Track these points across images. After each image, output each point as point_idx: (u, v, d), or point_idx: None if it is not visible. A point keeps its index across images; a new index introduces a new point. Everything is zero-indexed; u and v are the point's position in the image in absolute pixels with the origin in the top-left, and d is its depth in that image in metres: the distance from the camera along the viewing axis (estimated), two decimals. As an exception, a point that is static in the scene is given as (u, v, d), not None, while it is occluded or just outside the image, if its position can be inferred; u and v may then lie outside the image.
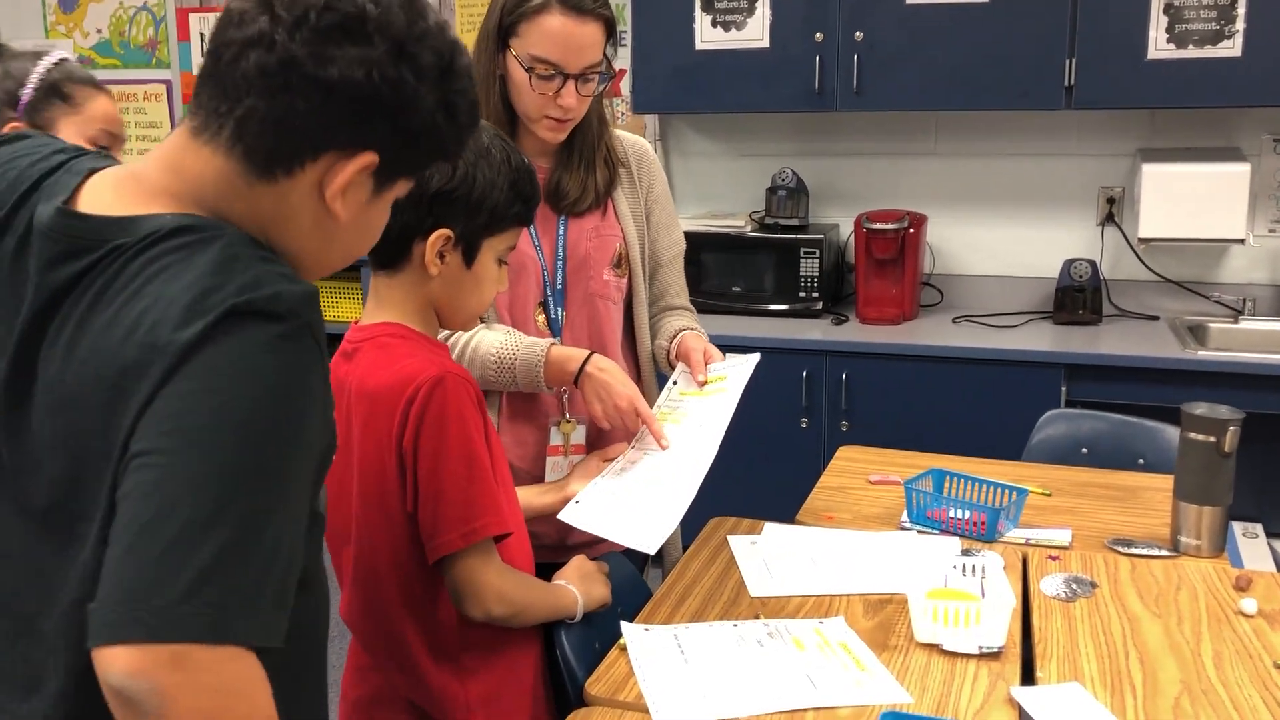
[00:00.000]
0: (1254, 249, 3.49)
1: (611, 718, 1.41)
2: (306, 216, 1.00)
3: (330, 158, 0.97)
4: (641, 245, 1.99)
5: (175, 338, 0.87)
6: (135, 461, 0.87)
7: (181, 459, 0.86)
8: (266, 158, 0.96)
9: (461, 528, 1.42)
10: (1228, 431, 1.85)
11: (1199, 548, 1.89)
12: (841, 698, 1.43)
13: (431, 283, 1.48)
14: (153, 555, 0.84)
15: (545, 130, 1.82)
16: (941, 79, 3.38)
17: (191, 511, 0.84)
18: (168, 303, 0.89)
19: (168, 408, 0.87)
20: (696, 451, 1.69)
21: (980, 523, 1.95)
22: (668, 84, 3.64)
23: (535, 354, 1.77)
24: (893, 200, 3.70)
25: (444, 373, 1.43)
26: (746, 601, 1.72)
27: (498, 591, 1.47)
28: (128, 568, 0.84)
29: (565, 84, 1.77)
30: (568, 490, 1.73)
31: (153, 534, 0.84)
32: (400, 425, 1.42)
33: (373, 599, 1.51)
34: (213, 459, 0.86)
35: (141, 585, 0.83)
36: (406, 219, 1.44)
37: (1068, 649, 1.57)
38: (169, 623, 0.83)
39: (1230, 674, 1.50)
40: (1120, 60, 3.22)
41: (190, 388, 0.87)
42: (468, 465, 1.43)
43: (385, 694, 1.53)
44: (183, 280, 0.90)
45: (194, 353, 0.87)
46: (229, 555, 0.85)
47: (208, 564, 0.84)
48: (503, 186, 1.46)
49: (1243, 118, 3.47)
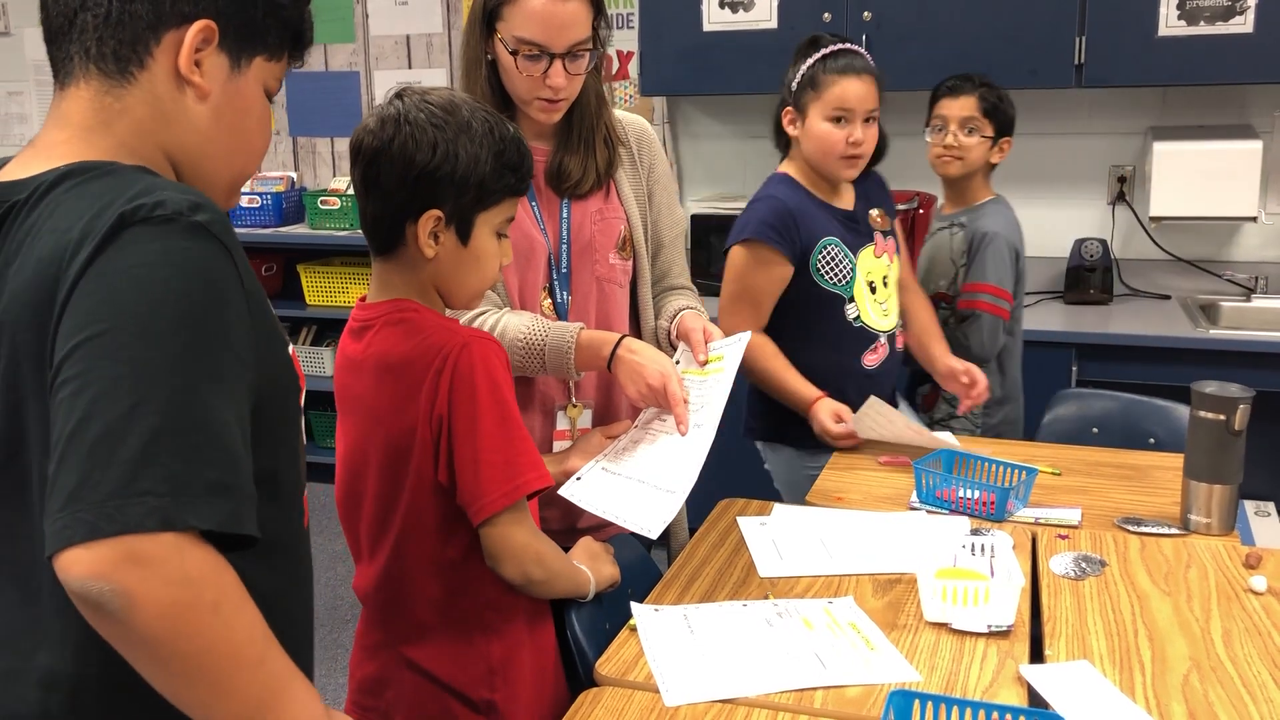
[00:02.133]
0: (1266, 227, 3.47)
1: (622, 697, 1.41)
2: (180, 108, 1.04)
3: (172, 37, 1.02)
4: (645, 226, 1.99)
5: (75, 259, 0.91)
6: (57, 384, 0.89)
7: (94, 362, 0.88)
8: (115, 58, 1.01)
9: (504, 485, 1.43)
10: (1238, 410, 1.84)
11: (1209, 526, 1.89)
12: (850, 677, 1.43)
13: (429, 264, 1.48)
14: (83, 455, 0.85)
15: (538, 112, 1.82)
16: (950, 58, 3.35)
17: (111, 406, 0.86)
18: (64, 232, 0.93)
19: (74, 322, 0.89)
20: (698, 432, 1.69)
21: (990, 502, 1.95)
22: (676, 66, 3.63)
23: (566, 338, 1.77)
24: (902, 180, 3.67)
25: (469, 339, 1.44)
26: (756, 582, 1.72)
27: (536, 552, 1.48)
28: (64, 475, 0.85)
29: (552, 64, 1.76)
30: (568, 465, 1.73)
31: (80, 436, 0.85)
32: (431, 396, 1.43)
33: (394, 570, 1.51)
34: (123, 354, 0.88)
35: (77, 486, 0.84)
36: (395, 202, 1.45)
37: (1077, 627, 1.57)
38: (107, 516, 0.83)
39: (1239, 651, 1.50)
40: (1131, 38, 3.19)
41: (92, 299, 0.90)
42: (503, 425, 1.44)
43: (393, 672, 1.54)
44: (75, 210, 0.95)
45: (90, 266, 0.90)
46: (159, 442, 0.86)
47: (136, 453, 0.85)
48: (487, 159, 1.45)
49: (1254, 94, 3.45)
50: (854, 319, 2.36)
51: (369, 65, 4.53)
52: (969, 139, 2.68)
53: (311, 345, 4.59)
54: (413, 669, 1.52)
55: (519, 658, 1.54)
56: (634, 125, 2.02)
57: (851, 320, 2.35)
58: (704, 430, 1.69)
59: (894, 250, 2.44)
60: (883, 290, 2.40)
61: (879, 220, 2.43)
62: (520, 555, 1.46)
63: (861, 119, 2.27)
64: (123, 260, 0.90)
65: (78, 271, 0.90)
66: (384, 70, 4.51)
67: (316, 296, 4.48)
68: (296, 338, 4.68)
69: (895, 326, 2.42)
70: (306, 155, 4.74)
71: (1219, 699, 1.38)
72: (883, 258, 2.40)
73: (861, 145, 2.28)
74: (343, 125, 4.59)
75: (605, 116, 1.92)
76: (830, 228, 2.35)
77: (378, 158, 1.45)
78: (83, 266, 0.90)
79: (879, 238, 2.40)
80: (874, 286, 2.38)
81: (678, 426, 1.71)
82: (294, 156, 4.75)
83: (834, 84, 2.27)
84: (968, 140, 2.68)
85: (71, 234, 0.92)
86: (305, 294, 4.50)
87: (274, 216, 4.50)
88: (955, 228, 2.73)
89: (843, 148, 2.29)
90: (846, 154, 2.29)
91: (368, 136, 1.46)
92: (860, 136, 2.27)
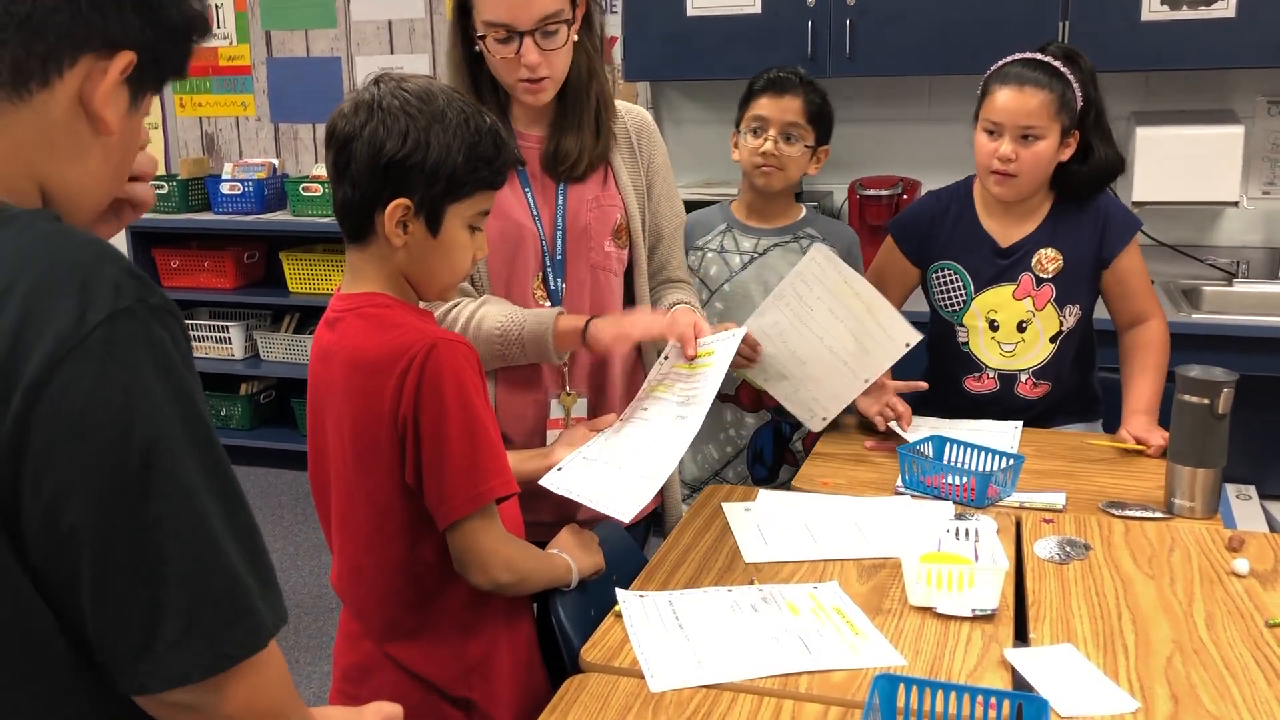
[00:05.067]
0: (1248, 211, 3.48)
1: (606, 683, 1.41)
2: (73, 139, 0.91)
3: (89, 62, 0.89)
4: (642, 216, 1.98)
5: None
6: (53, 527, 0.83)
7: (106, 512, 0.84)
8: (15, 69, 0.87)
9: (469, 491, 1.42)
10: (1222, 393, 1.85)
11: (1193, 509, 1.90)
12: (835, 661, 1.43)
13: (399, 254, 1.47)
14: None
15: (524, 94, 1.81)
16: (934, 43, 3.36)
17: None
18: None
19: (52, 458, 0.82)
20: (682, 424, 1.69)
21: (972, 488, 1.95)
22: (659, 51, 3.62)
23: (544, 322, 1.77)
24: (886, 166, 3.69)
25: (436, 339, 1.42)
26: (741, 568, 1.72)
27: (505, 559, 1.47)
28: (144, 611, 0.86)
29: (523, 42, 1.74)
30: (552, 458, 1.73)
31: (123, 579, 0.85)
32: (396, 397, 1.41)
33: (365, 568, 1.51)
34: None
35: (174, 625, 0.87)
36: (365, 190, 1.43)
37: (1061, 611, 1.57)
38: (223, 653, 0.89)
39: (1222, 634, 1.51)
40: (1114, 23, 3.19)
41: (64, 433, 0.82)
42: (469, 429, 1.42)
43: (377, 660, 1.53)
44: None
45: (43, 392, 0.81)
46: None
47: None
48: (459, 150, 1.42)
49: (1237, 80, 3.45)
50: (963, 343, 2.31)
51: (350, 51, 4.50)
52: (790, 147, 2.26)
53: (294, 333, 4.57)
54: (393, 662, 1.52)
55: (497, 655, 1.54)
56: (633, 115, 2.01)
57: (961, 343, 2.31)
58: (688, 421, 1.68)
59: (1049, 299, 2.24)
60: (1010, 332, 2.27)
61: (1044, 264, 2.24)
62: (487, 562, 1.46)
63: (1014, 134, 2.15)
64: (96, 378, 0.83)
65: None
66: (366, 56, 4.48)
67: (299, 283, 4.46)
68: (279, 325, 4.66)
69: (1026, 369, 2.29)
70: (288, 141, 4.71)
71: (1201, 681, 1.39)
72: (1024, 301, 2.25)
73: (1010, 163, 2.15)
74: (324, 111, 4.51)
75: (595, 90, 1.89)
76: (961, 253, 2.29)
77: (349, 143, 1.43)
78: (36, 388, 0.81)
79: (1028, 280, 2.25)
80: (995, 324, 2.27)
81: (684, 350, 1.74)
82: (275, 143, 4.72)
83: (992, 92, 2.19)
84: (788, 149, 2.26)
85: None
86: (288, 281, 4.48)
87: (256, 203, 4.47)
88: (803, 239, 2.36)
89: (989, 160, 2.19)
90: (994, 168, 2.18)
91: (341, 121, 1.45)
92: (1009, 150, 2.15)
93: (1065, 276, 2.25)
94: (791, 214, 2.39)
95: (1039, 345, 2.28)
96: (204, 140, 4.80)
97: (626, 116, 1.98)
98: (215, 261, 4.55)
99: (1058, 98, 2.15)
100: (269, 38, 4.61)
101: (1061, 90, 2.15)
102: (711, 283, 2.36)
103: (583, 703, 1.37)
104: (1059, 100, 2.15)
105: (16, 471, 0.82)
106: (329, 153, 1.47)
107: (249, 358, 4.62)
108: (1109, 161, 2.23)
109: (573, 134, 1.87)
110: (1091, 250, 2.25)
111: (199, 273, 4.56)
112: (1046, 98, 2.14)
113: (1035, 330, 2.28)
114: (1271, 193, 3.50)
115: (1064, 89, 2.16)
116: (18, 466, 0.81)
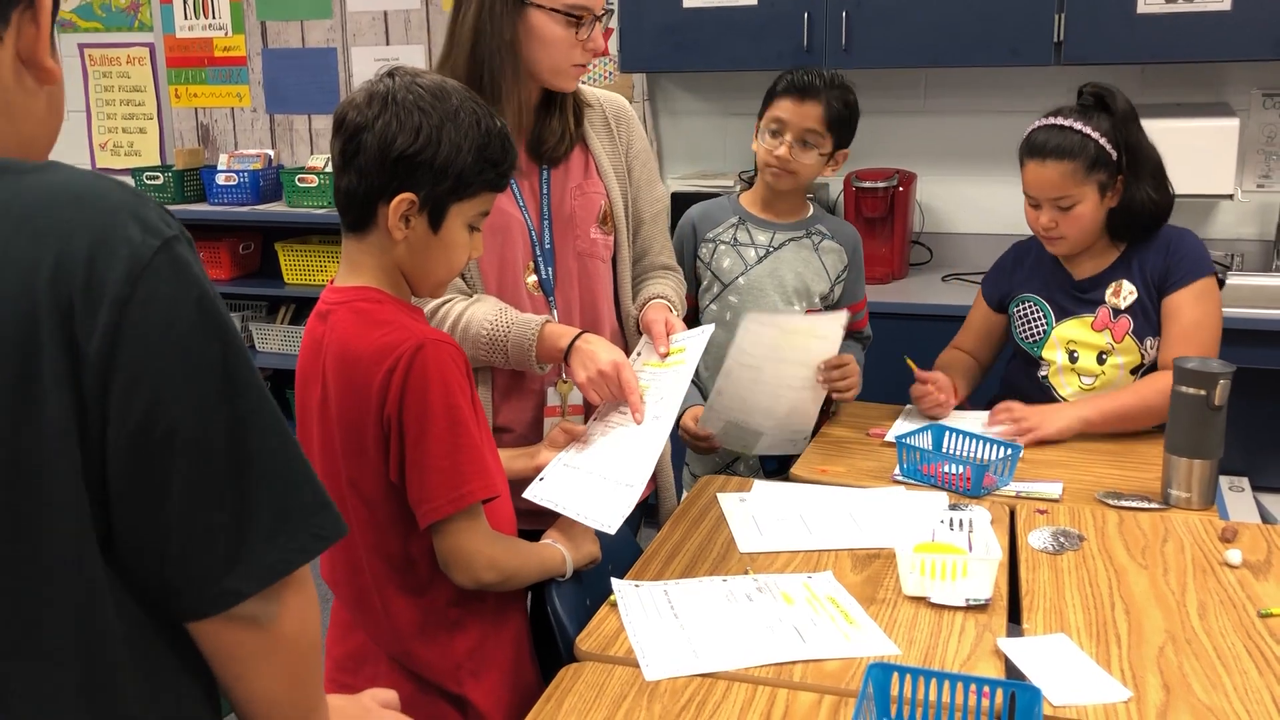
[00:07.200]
0: (1242, 204, 3.48)
1: (602, 672, 1.42)
2: (22, 95, 0.93)
3: (20, 13, 0.90)
4: (625, 202, 1.98)
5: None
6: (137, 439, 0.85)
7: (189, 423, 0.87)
8: None
9: (450, 493, 1.42)
10: (1218, 385, 1.86)
11: (1189, 500, 1.90)
12: (829, 651, 1.44)
13: (397, 247, 1.47)
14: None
15: (569, 80, 1.86)
16: (930, 36, 3.36)
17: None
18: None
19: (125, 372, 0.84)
20: (656, 425, 1.69)
21: (969, 478, 1.96)
22: (655, 42, 3.61)
23: (528, 332, 1.76)
24: (882, 158, 3.69)
25: (424, 340, 1.43)
26: (736, 558, 1.73)
27: (488, 559, 1.47)
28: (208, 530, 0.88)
29: (594, 26, 1.80)
30: (539, 459, 1.73)
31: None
32: (381, 395, 1.41)
33: (351, 563, 1.51)
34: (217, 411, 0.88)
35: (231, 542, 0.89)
36: (371, 181, 1.43)
37: (1054, 601, 1.58)
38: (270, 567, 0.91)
39: (1214, 624, 1.51)
40: (1109, 15, 3.19)
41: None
42: (453, 430, 1.42)
43: (370, 650, 1.54)
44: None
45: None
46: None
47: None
48: (469, 150, 1.43)
49: (1232, 72, 3.46)
50: (1043, 377, 2.31)
51: (346, 41, 4.49)
52: (804, 153, 2.24)
53: (290, 324, 4.56)
54: (386, 655, 1.53)
55: (487, 651, 1.54)
56: (611, 102, 2.02)
57: (1041, 377, 2.31)
58: (662, 421, 1.68)
59: (1127, 330, 2.23)
60: (1090, 364, 2.26)
61: (1119, 295, 2.24)
62: (470, 562, 1.46)
63: (1050, 205, 2.19)
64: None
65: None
66: (361, 47, 4.47)
67: (295, 275, 4.45)
68: (275, 316, 4.65)
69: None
70: (284, 133, 4.69)
71: (1193, 670, 1.40)
72: (1102, 334, 2.25)
73: (1053, 229, 2.20)
74: (320, 102, 4.55)
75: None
76: (1040, 286, 2.32)
77: (359, 133, 1.43)
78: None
79: (1105, 312, 2.24)
80: (1075, 355, 2.27)
81: (633, 415, 1.70)
82: (271, 134, 4.71)
83: (1024, 165, 2.22)
84: (802, 156, 2.24)
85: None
86: (283, 272, 4.47)
87: (251, 194, 4.46)
88: (814, 235, 2.38)
89: (1037, 229, 2.24)
90: (1043, 236, 2.24)
91: (353, 111, 1.45)
92: (1048, 220, 2.19)
93: (1140, 308, 2.23)
94: (802, 210, 2.40)
95: (1120, 378, 2.26)
96: (199, 131, 4.79)
97: (605, 103, 1.99)
98: (211, 252, 4.54)
99: (1084, 163, 2.15)
100: (264, 28, 4.59)
101: (1087, 152, 2.15)
102: (725, 275, 2.35)
103: (578, 691, 1.38)
104: (1086, 164, 2.15)
105: (105, 387, 0.83)
106: (336, 140, 1.47)
107: (245, 349, 4.61)
108: (1152, 204, 2.21)
109: (555, 119, 1.90)
110: (1158, 283, 2.23)
111: (194, 264, 4.55)
112: (1070, 167, 2.15)
113: (1115, 363, 2.25)
114: (1266, 185, 3.50)
115: (1092, 149, 2.15)
116: (107, 382, 0.83)
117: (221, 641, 0.92)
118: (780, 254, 2.34)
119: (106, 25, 4.75)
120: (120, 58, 4.78)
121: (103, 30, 4.76)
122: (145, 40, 4.73)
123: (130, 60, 4.77)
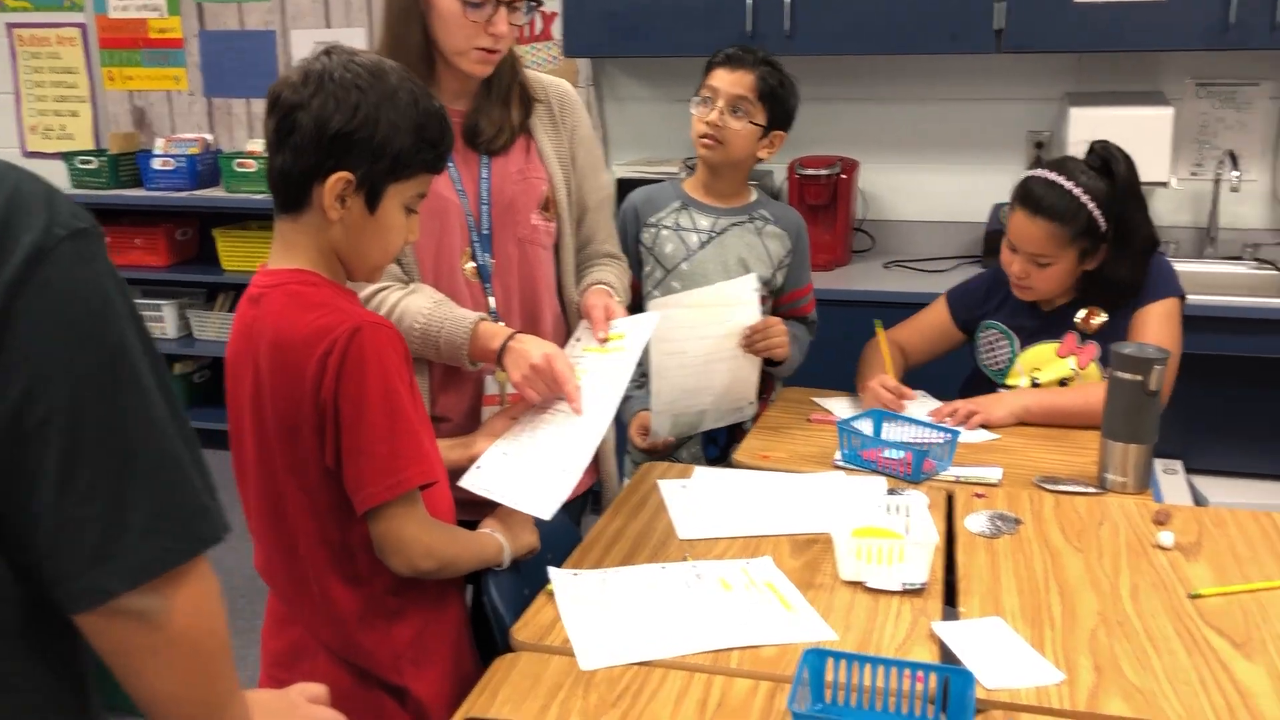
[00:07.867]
0: (1177, 191, 3.54)
1: (537, 662, 1.40)
2: None
3: None
4: (568, 188, 1.96)
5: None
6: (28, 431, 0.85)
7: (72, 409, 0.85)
8: None
9: (387, 479, 1.40)
10: (1153, 371, 1.88)
11: (1125, 484, 1.93)
12: (767, 636, 1.44)
13: (332, 228, 1.44)
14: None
15: (474, 64, 1.79)
16: (872, 22, 3.36)
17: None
18: None
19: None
20: (595, 412, 1.67)
21: (909, 463, 1.97)
22: (600, 27, 3.59)
23: (461, 330, 1.74)
24: (825, 145, 3.70)
25: (361, 322, 1.40)
26: (675, 544, 1.72)
27: (425, 546, 1.45)
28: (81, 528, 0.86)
29: (496, 10, 1.74)
30: (474, 449, 1.71)
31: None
32: (317, 379, 1.39)
33: (290, 552, 1.48)
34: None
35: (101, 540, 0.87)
36: (306, 160, 1.40)
37: (990, 584, 1.59)
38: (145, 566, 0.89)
39: (1145, 605, 1.53)
40: (1049, 4, 3.22)
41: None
42: (390, 415, 1.40)
43: (306, 645, 1.51)
44: None
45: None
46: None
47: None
48: (407, 130, 1.41)
49: (1167, 62, 3.51)
50: None
51: (285, 24, 4.41)
52: (735, 121, 2.21)
53: (228, 312, 4.49)
54: (323, 647, 1.50)
55: (427, 641, 1.52)
56: (555, 87, 1.99)
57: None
58: (602, 408, 1.67)
59: (1093, 357, 2.25)
60: (1052, 388, 2.28)
61: (1088, 320, 2.26)
62: (407, 550, 1.44)
63: (1026, 257, 2.19)
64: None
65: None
66: (301, 29, 4.39)
67: (233, 261, 4.38)
68: (213, 303, 4.57)
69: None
70: (222, 117, 4.61)
71: (1123, 651, 1.41)
72: (1067, 360, 2.27)
73: (1024, 279, 2.22)
74: (258, 86, 4.47)
75: (520, 75, 1.91)
76: (1008, 315, 2.32)
77: (294, 112, 1.40)
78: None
79: (1072, 337, 2.26)
80: (1037, 382, 2.29)
81: (570, 405, 1.68)
82: (209, 118, 4.62)
83: (1012, 210, 2.23)
84: (733, 122, 2.21)
85: None
86: (221, 258, 4.39)
87: (189, 179, 4.38)
88: (757, 220, 2.36)
89: (1007, 269, 2.24)
90: (1013, 281, 2.25)
91: (287, 90, 1.41)
92: (1020, 270, 2.21)
93: (1108, 334, 2.22)
94: (745, 195, 2.38)
95: None
96: (134, 114, 4.69)
97: (548, 88, 1.97)
98: (147, 239, 4.45)
99: (1071, 229, 2.15)
100: (201, 10, 4.50)
101: (1078, 220, 2.14)
102: (667, 261, 2.33)
103: (513, 681, 1.37)
104: (1074, 231, 2.15)
105: None
106: (270, 119, 1.44)
107: (182, 337, 4.53)
108: (1126, 282, 2.21)
109: (494, 112, 1.87)
110: (1132, 307, 2.24)
111: (130, 250, 4.45)
112: (1057, 230, 2.15)
113: (1072, 385, 2.27)
114: (1199, 174, 3.56)
115: (1083, 218, 2.14)
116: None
117: (107, 638, 0.90)
118: (723, 239, 2.33)
119: (36, 4, 4.63)
120: (50, 38, 4.66)
121: (31, 9, 4.64)
122: (76, 20, 4.61)
123: (61, 40, 4.66)
